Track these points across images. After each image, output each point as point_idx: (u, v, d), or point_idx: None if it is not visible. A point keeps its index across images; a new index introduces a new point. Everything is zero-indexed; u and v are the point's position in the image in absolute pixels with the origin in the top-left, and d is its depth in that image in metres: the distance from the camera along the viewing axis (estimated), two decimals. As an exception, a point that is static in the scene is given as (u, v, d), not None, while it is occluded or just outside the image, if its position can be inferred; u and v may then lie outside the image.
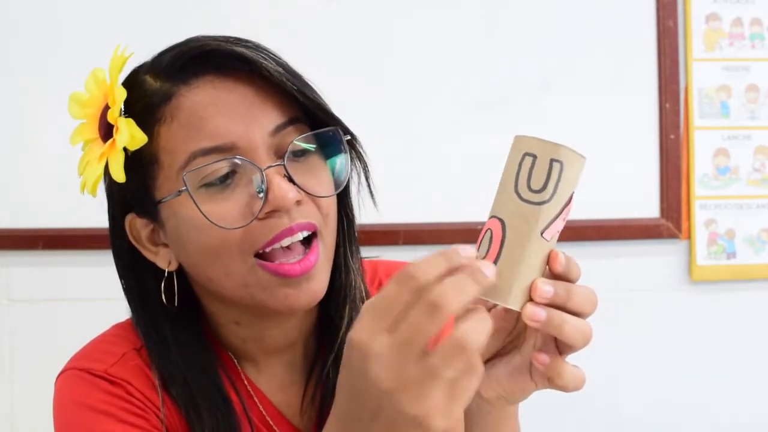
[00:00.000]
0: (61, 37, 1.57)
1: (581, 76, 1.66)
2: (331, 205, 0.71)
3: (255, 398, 0.78)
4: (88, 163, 0.72)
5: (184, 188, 0.67)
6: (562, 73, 1.65)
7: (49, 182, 1.56)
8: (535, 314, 0.54)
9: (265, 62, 0.67)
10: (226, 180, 0.67)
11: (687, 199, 1.68)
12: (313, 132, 0.70)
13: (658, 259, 1.68)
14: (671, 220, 1.67)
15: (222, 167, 0.67)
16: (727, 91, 1.69)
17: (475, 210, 1.66)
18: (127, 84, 0.72)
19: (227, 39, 0.69)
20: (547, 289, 0.54)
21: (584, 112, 1.66)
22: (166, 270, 0.73)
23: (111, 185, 0.74)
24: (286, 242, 0.67)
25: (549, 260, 0.56)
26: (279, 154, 0.69)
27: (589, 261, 1.64)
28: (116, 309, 0.88)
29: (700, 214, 1.68)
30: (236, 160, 0.66)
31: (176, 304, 0.74)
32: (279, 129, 0.68)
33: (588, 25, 1.66)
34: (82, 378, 0.73)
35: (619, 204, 1.66)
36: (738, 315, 1.70)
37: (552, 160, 0.55)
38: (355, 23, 1.58)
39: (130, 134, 0.67)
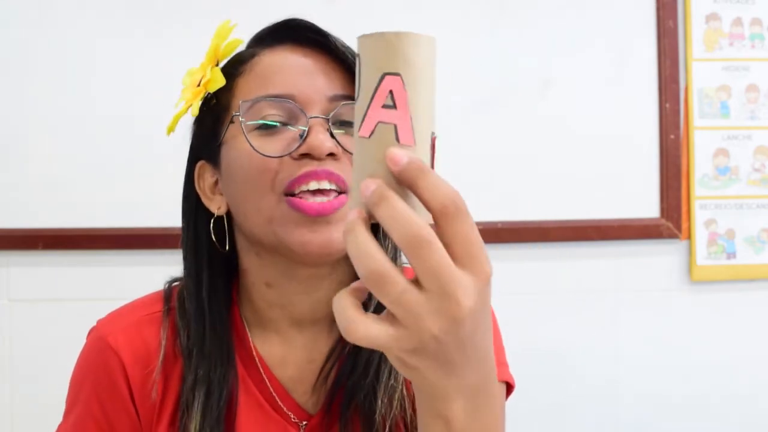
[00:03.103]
0: (60, 38, 1.57)
1: (581, 76, 1.66)
2: None
3: (261, 370, 0.81)
4: (177, 114, 0.83)
5: (237, 113, 0.76)
6: (562, 73, 1.65)
7: (49, 182, 1.56)
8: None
9: (335, 39, 0.78)
10: (277, 126, 0.75)
11: (687, 199, 1.68)
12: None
13: (658, 259, 1.69)
14: (671, 220, 1.67)
15: (274, 114, 0.75)
16: (727, 91, 1.69)
17: (475, 209, 1.66)
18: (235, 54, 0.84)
19: (312, 23, 0.80)
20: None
21: (584, 111, 1.66)
22: (216, 213, 0.81)
23: (193, 133, 0.84)
24: (313, 185, 0.72)
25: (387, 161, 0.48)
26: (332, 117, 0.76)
27: (589, 261, 1.67)
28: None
29: (700, 214, 1.68)
30: (288, 104, 0.75)
31: (227, 248, 0.82)
32: (336, 98, 0.76)
33: (588, 25, 1.66)
34: (93, 346, 0.82)
35: (619, 204, 1.66)
36: (738, 315, 1.70)
37: (357, 57, 0.50)
38: (356, 24, 1.58)
39: (212, 76, 0.78)
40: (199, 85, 0.80)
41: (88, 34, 1.57)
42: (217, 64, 0.81)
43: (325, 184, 0.72)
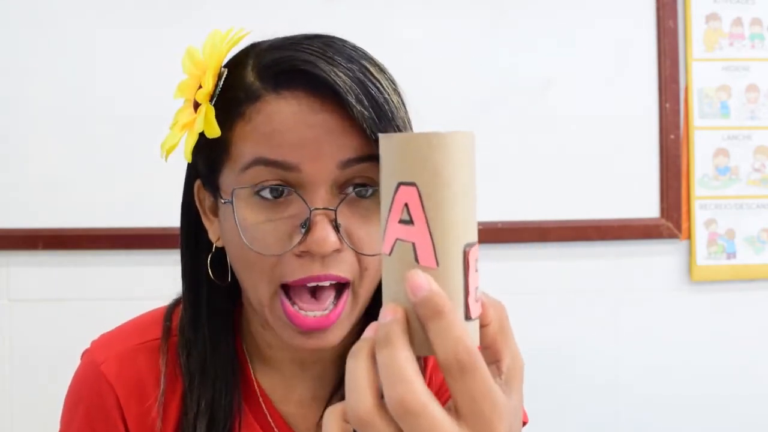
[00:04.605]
0: (60, 38, 1.57)
1: (581, 76, 1.66)
2: (372, 261, 0.67)
3: (263, 404, 0.78)
4: (173, 125, 0.73)
5: (229, 200, 0.67)
6: (563, 74, 1.65)
7: (49, 182, 1.56)
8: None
9: (358, 103, 0.64)
10: (279, 196, 0.66)
11: (687, 199, 1.68)
12: (373, 178, 0.66)
13: (658, 259, 1.69)
14: (671, 220, 1.67)
15: (276, 186, 0.66)
16: (727, 91, 1.69)
17: (477, 211, 1.66)
18: (234, 60, 0.71)
19: (333, 60, 0.66)
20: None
21: (584, 111, 1.66)
22: (214, 245, 0.74)
23: (192, 151, 0.72)
24: (311, 284, 0.66)
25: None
26: (343, 187, 0.66)
27: (589, 261, 1.67)
28: (116, 309, 0.88)
29: (700, 214, 1.68)
30: (290, 189, 0.65)
31: (228, 279, 0.74)
32: (350, 163, 0.65)
33: (588, 25, 1.66)
34: (87, 372, 0.79)
35: (619, 204, 1.66)
36: (738, 315, 1.70)
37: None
38: (355, 23, 1.58)
39: (206, 123, 0.67)
40: (195, 111, 0.70)
41: (88, 33, 1.57)
42: (218, 84, 0.71)
43: (324, 282, 0.66)
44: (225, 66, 0.71)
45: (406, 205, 0.42)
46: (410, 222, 0.42)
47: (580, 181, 1.65)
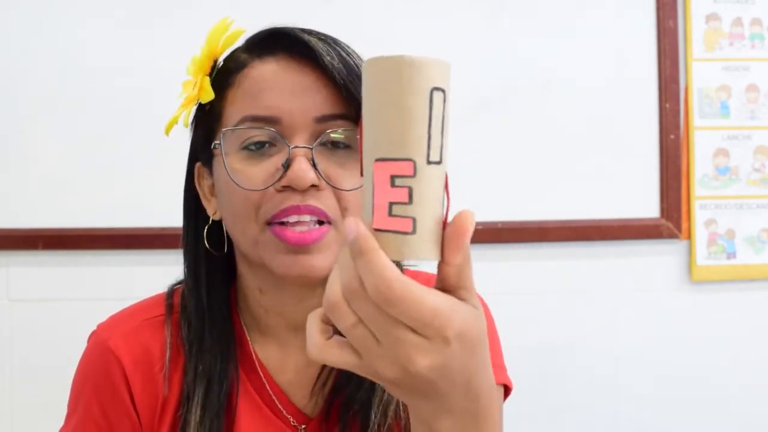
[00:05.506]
0: (60, 37, 1.57)
1: (581, 76, 1.66)
2: (353, 200, 0.74)
3: (261, 374, 0.82)
4: (172, 119, 0.82)
5: (218, 143, 0.75)
6: (562, 73, 1.65)
7: (49, 182, 1.56)
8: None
9: (327, 55, 0.73)
10: (262, 147, 0.73)
11: (687, 199, 1.68)
12: (347, 129, 0.74)
13: (658, 259, 1.69)
14: (671, 220, 1.67)
15: (259, 135, 0.73)
16: (727, 91, 1.69)
17: (476, 209, 1.66)
18: (229, 54, 0.81)
19: (310, 31, 0.76)
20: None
21: (584, 112, 1.66)
22: (211, 218, 0.82)
23: (191, 134, 0.83)
24: (293, 219, 0.72)
25: None
26: (319, 138, 0.73)
27: (589, 261, 1.67)
28: (116, 309, 0.88)
29: (700, 214, 1.68)
30: (272, 132, 0.72)
31: (225, 250, 0.82)
32: (325, 119, 0.73)
33: (588, 25, 1.66)
34: (94, 350, 0.83)
35: (619, 204, 1.66)
36: (738, 315, 1.70)
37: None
38: (354, 23, 1.58)
39: (200, 88, 0.77)
40: (194, 88, 0.79)
41: (88, 33, 1.57)
42: (214, 67, 0.80)
43: (306, 218, 0.72)
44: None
45: (360, 129, 0.49)
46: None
47: (580, 181, 1.65)
